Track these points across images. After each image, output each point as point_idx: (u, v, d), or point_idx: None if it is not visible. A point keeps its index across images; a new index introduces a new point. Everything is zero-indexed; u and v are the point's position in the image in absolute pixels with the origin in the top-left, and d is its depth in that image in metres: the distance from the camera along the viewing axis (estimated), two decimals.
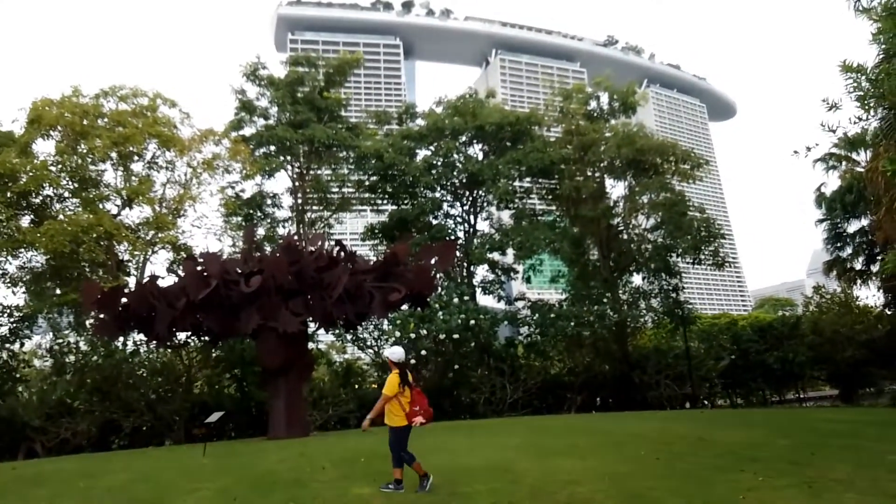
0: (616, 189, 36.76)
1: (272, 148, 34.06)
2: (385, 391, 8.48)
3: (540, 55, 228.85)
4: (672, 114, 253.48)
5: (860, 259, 31.38)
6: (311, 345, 24.68)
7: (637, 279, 36.62)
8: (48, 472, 13.37)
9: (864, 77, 7.82)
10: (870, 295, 59.12)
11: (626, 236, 34.91)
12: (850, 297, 35.62)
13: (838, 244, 31.84)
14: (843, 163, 31.03)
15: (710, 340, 35.72)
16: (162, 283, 19.47)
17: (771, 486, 8.31)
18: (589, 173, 34.75)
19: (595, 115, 36.48)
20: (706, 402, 36.03)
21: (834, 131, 8.08)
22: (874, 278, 30.47)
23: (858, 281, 31.76)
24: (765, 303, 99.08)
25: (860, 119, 8.23)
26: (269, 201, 35.52)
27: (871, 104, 8.00)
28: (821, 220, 32.52)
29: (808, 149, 8.93)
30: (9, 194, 26.89)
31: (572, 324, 29.95)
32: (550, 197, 37.84)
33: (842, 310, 35.25)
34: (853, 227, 31.53)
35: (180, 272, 20.69)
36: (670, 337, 35.56)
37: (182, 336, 21.60)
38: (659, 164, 33.91)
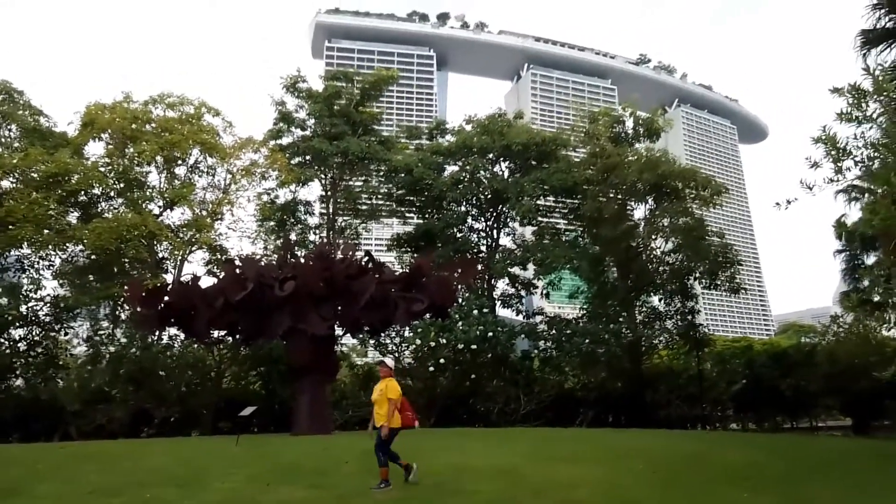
0: (637, 211, 37.48)
1: (308, 158, 35.45)
2: (393, 396, 9.34)
3: (571, 71, 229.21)
4: (702, 134, 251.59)
5: (877, 290, 31.66)
6: (335, 347, 25.84)
7: (654, 300, 37.26)
8: (94, 452, 14.59)
9: (833, 146, 8.80)
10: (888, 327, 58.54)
11: (644, 258, 35.57)
12: (867, 328, 35.78)
13: (856, 275, 32.16)
14: (866, 194, 31.40)
15: (724, 364, 36.19)
16: (202, 284, 20.81)
17: (754, 502, 8.99)
18: (611, 195, 35.48)
19: (620, 138, 37.30)
20: (717, 425, 36.45)
21: (811, 188, 8.99)
22: (889, 310, 30.74)
23: (875, 312, 32.00)
24: (788, 328, 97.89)
25: (832, 180, 9.16)
26: (302, 208, 36.98)
27: (842, 167, 8.99)
28: (839, 251, 32.87)
29: (789, 202, 9.81)
30: (60, 191, 28.68)
31: (587, 340, 30.73)
32: (572, 216, 38.70)
33: (858, 340, 35.41)
34: (871, 259, 31.85)
35: (219, 273, 22.01)
36: (684, 358, 36.07)
37: (217, 334, 22.85)
38: (680, 189, 34.56)
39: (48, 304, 28.85)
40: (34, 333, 28.12)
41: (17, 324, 27.04)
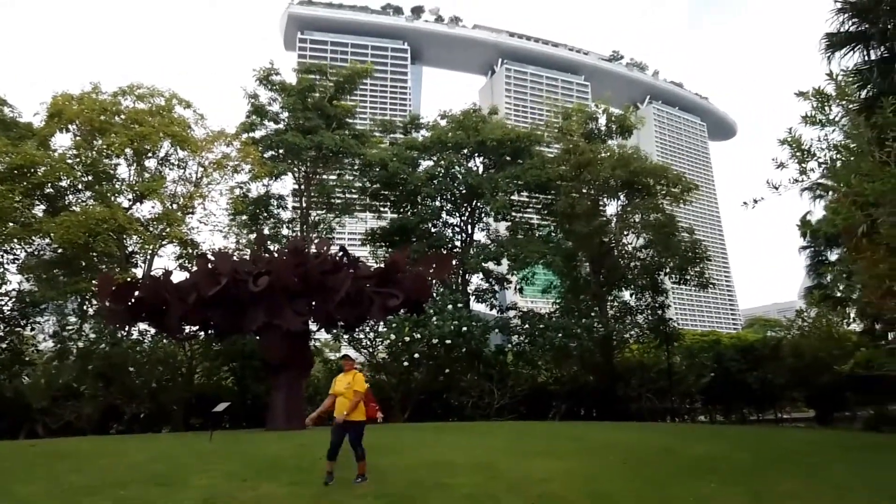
0: (610, 207, 38.02)
1: (281, 151, 35.15)
2: (359, 388, 9.41)
3: (545, 67, 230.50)
4: (673, 131, 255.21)
5: (839, 287, 32.58)
6: (309, 343, 25.76)
7: (625, 295, 37.85)
8: (67, 450, 14.37)
9: (798, 148, 9.14)
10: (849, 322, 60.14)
11: (616, 253, 36.10)
12: (830, 322, 36.80)
13: (819, 271, 33.04)
14: (830, 192, 32.23)
15: (693, 357, 36.97)
16: (174, 279, 20.59)
17: (721, 493, 9.32)
18: (584, 191, 35.89)
19: (593, 135, 37.73)
20: (686, 417, 37.22)
21: (777, 188, 9.31)
22: (851, 305, 31.65)
23: (837, 308, 32.94)
24: (754, 322, 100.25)
25: (797, 180, 9.50)
26: (274, 202, 36.69)
27: (806, 168, 9.34)
28: (804, 248, 33.74)
29: (755, 201, 10.13)
30: (26, 184, 28.03)
31: (560, 335, 31.12)
32: (546, 212, 39.10)
33: (822, 335, 36.42)
34: (834, 255, 32.76)
35: (191, 268, 21.78)
36: (655, 352, 36.74)
37: (189, 329, 22.63)
38: (651, 186, 35.15)
39: (13, 300, 28.22)
40: None
41: None
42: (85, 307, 30.10)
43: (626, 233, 36.09)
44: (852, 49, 15.45)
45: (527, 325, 33.61)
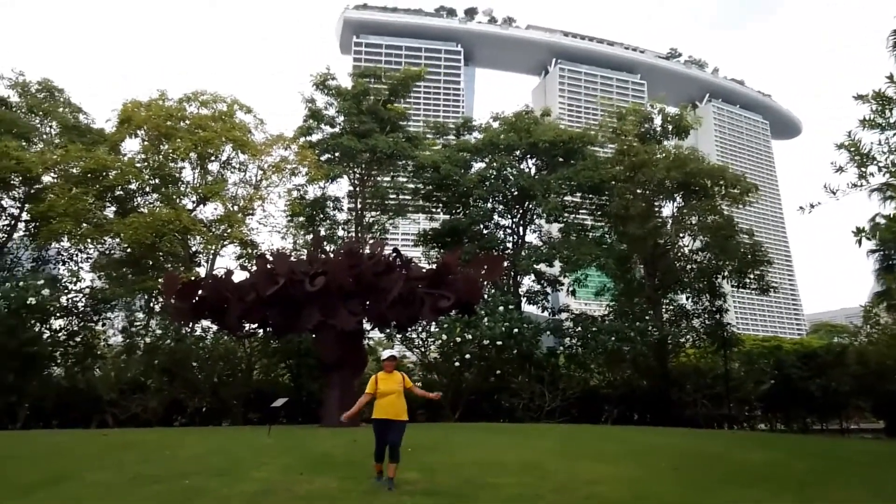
0: (665, 209, 37.33)
1: (336, 154, 35.97)
2: (409, 385, 9.52)
3: (600, 66, 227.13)
4: (733, 130, 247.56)
5: None
6: (363, 342, 26.28)
7: (681, 298, 37.10)
8: (133, 440, 15.19)
9: (857, 151, 8.87)
10: None
11: (671, 256, 35.42)
12: None
13: (891, 275, 31.64)
14: None
15: (752, 363, 35.92)
16: (234, 278, 21.40)
17: (772, 501, 9.10)
18: (638, 192, 35.40)
19: (648, 135, 37.14)
20: (745, 425, 36.21)
21: (834, 193, 9.07)
22: None
23: None
24: (820, 328, 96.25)
25: (855, 185, 9.22)
26: (330, 204, 37.59)
27: (866, 173, 9.06)
28: (872, 251, 32.36)
29: (812, 205, 9.88)
30: (98, 187, 29.62)
31: (613, 338, 30.77)
32: (599, 213, 38.73)
33: (891, 341, 34.85)
34: None
35: (251, 268, 22.56)
36: (711, 357, 35.88)
37: (248, 327, 23.43)
38: (709, 187, 34.34)
39: (86, 296, 29.72)
40: (73, 324, 28.99)
41: (58, 314, 27.91)
42: (152, 304, 31.54)
43: (681, 235, 35.39)
44: None
45: (579, 328, 33.35)
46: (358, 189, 37.87)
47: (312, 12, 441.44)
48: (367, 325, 22.98)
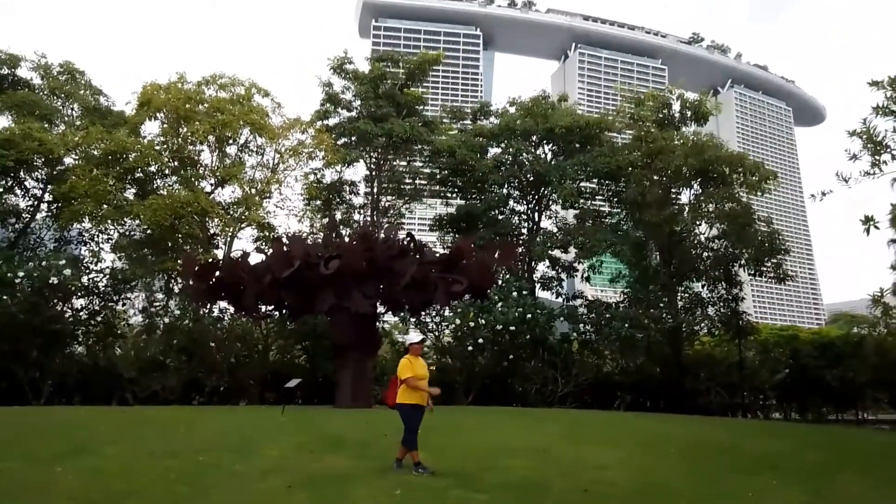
0: (682, 196, 37.01)
1: (353, 139, 36.07)
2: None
3: (620, 51, 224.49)
4: (756, 116, 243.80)
5: None
6: (377, 325, 26.53)
7: (697, 286, 36.89)
8: (151, 417, 15.59)
9: (870, 139, 8.76)
10: None
11: (688, 243, 35.16)
12: None
13: None
14: None
15: (767, 352, 35.72)
16: (251, 260, 21.69)
17: (780, 490, 9.13)
18: (655, 179, 35.12)
19: (666, 122, 36.75)
20: (758, 414, 36.09)
21: (847, 181, 8.99)
22: None
23: None
24: (839, 318, 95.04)
25: (869, 173, 9.11)
26: (347, 188, 37.84)
27: (879, 160, 8.93)
28: (893, 241, 31.85)
29: (823, 193, 9.81)
30: (118, 168, 30.02)
31: (627, 325, 30.76)
32: (615, 200, 38.52)
33: None
34: None
35: (267, 251, 22.84)
36: (727, 346, 35.72)
37: (264, 308, 23.75)
38: (727, 175, 33.96)
39: (107, 276, 30.16)
40: (94, 303, 29.43)
41: (79, 294, 28.40)
42: (171, 285, 31.98)
43: (698, 222, 35.06)
44: None
45: (593, 315, 33.33)
46: (374, 173, 37.99)
47: None
48: (380, 309, 23.22)
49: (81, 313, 29.15)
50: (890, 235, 32.29)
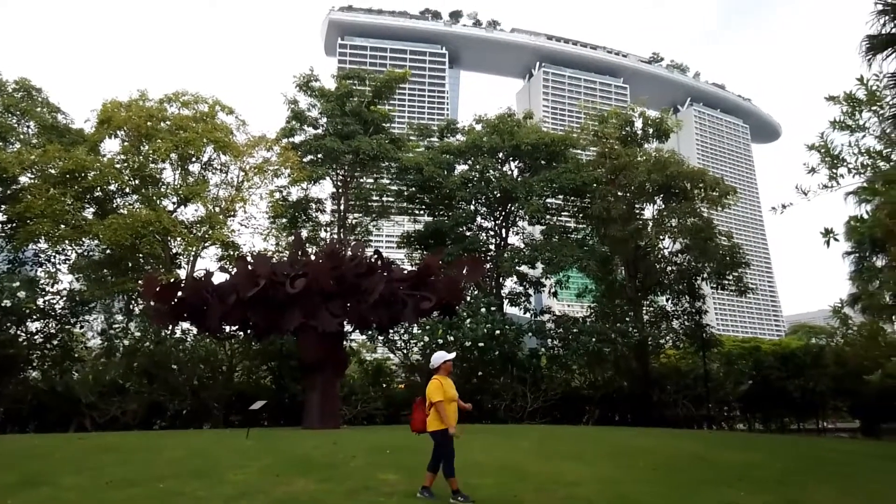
0: (646, 211, 37.66)
1: (319, 156, 35.79)
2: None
3: (584, 69, 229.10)
4: (714, 134, 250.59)
5: (887, 293, 31.58)
6: (344, 343, 26.21)
7: (662, 300, 37.45)
8: (112, 443, 15.01)
9: (828, 153, 9.07)
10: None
11: (652, 258, 35.75)
12: (876, 330, 35.71)
13: (864, 277, 32.10)
14: (876, 197, 31.32)
15: (731, 364, 36.37)
16: (215, 280, 21.22)
17: (751, 501, 9.25)
18: (620, 195, 35.67)
19: (629, 139, 37.45)
20: (724, 425, 36.60)
21: (806, 193, 9.25)
22: None
23: (885, 315, 31.95)
24: (798, 329, 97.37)
25: (826, 186, 9.40)
26: (313, 206, 37.44)
27: (836, 174, 9.24)
28: (848, 253, 32.81)
29: (784, 206, 10.09)
30: (77, 187, 29.25)
31: (595, 339, 30.97)
32: (581, 215, 38.94)
33: (867, 342, 35.38)
34: (882, 261, 31.77)
35: (232, 270, 22.40)
36: (692, 358, 36.26)
37: (229, 329, 23.26)
38: (689, 190, 34.72)
39: (64, 298, 29.34)
40: (50, 326, 28.62)
41: (34, 316, 27.51)
42: (131, 306, 31.17)
43: (662, 237, 35.70)
44: (894, 52, 15.06)
45: (561, 329, 33.53)
46: (341, 191, 37.75)
47: (298, 14, 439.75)
48: (348, 327, 22.94)
49: (37, 337, 28.27)
50: (846, 248, 33.44)
